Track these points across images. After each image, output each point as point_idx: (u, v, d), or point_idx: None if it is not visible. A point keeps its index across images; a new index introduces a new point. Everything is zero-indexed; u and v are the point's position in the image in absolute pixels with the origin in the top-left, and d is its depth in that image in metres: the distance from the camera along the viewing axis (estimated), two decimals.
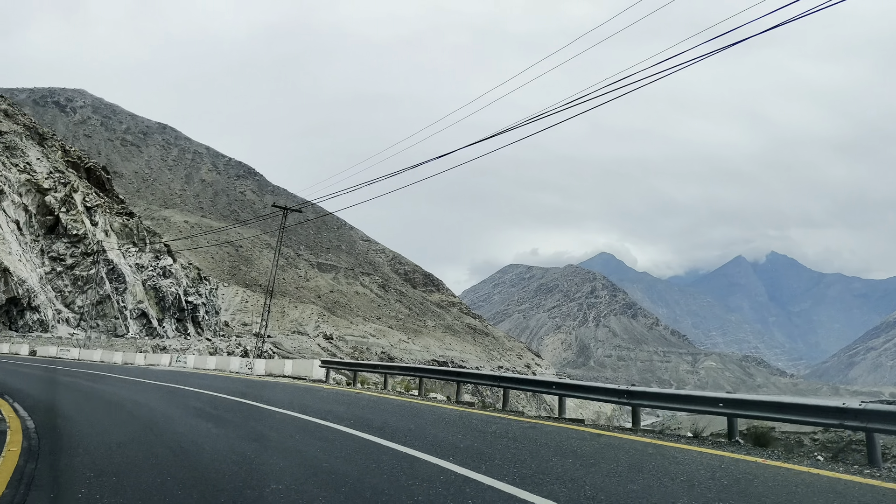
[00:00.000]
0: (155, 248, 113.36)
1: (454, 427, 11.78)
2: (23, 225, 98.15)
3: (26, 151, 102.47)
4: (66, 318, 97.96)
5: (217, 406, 15.02)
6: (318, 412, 13.52)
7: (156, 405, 14.99)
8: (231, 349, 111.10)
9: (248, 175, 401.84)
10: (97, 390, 19.28)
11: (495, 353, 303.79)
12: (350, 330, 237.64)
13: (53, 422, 11.02)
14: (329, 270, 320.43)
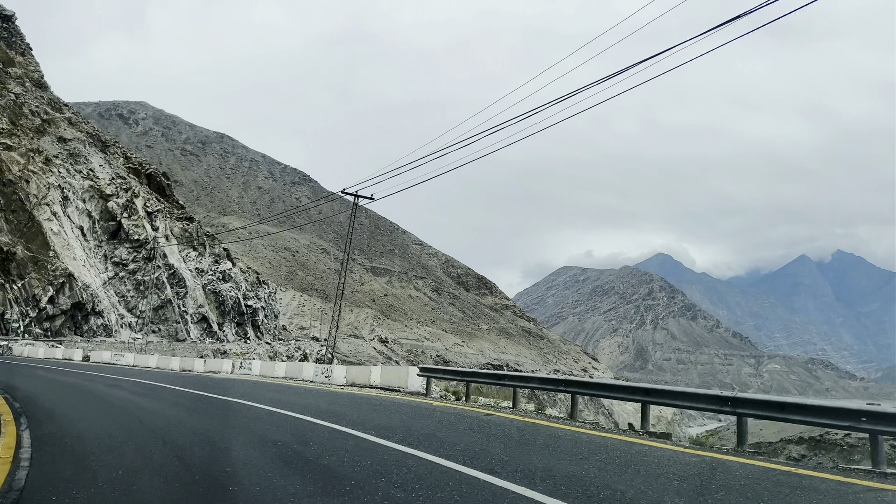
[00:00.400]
0: (214, 252, 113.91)
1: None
2: (87, 230, 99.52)
3: (89, 158, 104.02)
4: (129, 322, 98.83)
5: (325, 447, 9.76)
6: (522, 470, 8.27)
7: (241, 454, 9.22)
8: (290, 353, 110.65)
9: (304, 182, 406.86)
10: (137, 410, 15.11)
11: (550, 357, 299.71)
12: (405, 333, 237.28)
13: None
14: (383, 274, 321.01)
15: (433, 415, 14.90)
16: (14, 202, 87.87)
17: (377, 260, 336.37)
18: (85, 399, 17.80)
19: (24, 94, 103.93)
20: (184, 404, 16.61)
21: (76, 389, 20.16)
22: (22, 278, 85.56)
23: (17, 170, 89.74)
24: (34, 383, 21.68)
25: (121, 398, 17.96)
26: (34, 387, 20.27)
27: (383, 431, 11.23)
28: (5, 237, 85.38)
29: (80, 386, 20.75)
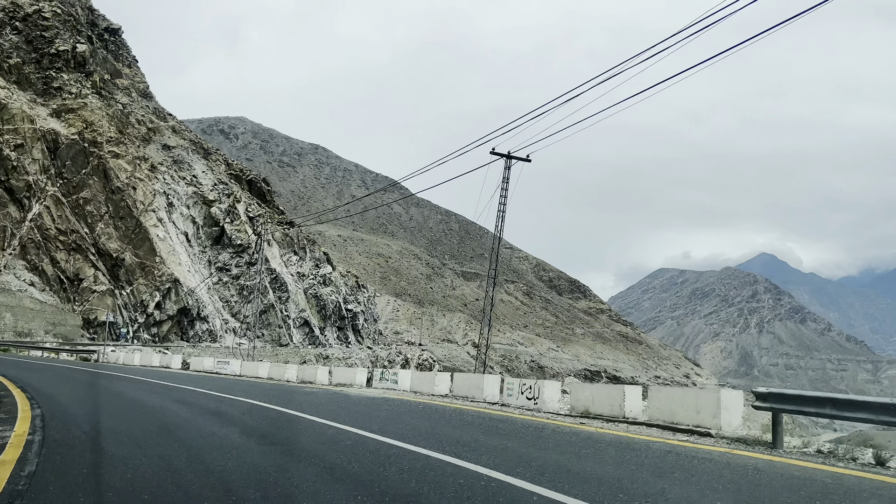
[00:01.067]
0: (314, 256, 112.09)
1: None
2: (191, 236, 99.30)
3: (192, 165, 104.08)
4: (233, 327, 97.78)
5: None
6: None
7: None
8: (391, 357, 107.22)
9: (395, 189, 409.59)
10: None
11: (650, 363, 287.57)
12: (497, 338, 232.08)
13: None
14: (473, 279, 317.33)
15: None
16: (122, 209, 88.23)
17: (468, 264, 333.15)
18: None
19: (131, 103, 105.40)
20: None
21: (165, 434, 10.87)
22: (130, 284, 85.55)
23: (125, 177, 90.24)
24: (98, 402, 16.63)
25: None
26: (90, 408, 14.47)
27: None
28: (114, 243, 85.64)
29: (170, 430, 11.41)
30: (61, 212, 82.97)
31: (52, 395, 15.40)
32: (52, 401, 13.94)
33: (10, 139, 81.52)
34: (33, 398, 13.54)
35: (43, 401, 13.32)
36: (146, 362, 39.02)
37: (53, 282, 79.92)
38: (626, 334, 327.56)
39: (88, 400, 14.23)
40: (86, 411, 12.36)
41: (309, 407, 15.16)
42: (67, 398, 15.10)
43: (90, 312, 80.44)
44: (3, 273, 76.02)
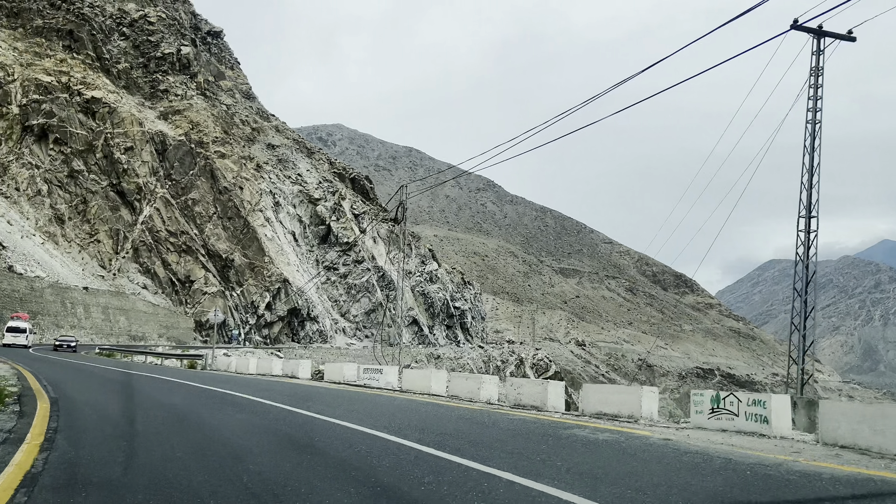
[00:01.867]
0: (420, 253, 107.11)
1: None
2: (298, 235, 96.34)
3: (297, 164, 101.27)
4: (343, 327, 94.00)
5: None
6: None
7: None
8: (504, 357, 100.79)
9: (488, 188, 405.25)
10: None
11: (765, 359, 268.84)
12: (602, 336, 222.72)
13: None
14: (572, 275, 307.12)
15: None
16: (230, 209, 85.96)
17: (565, 261, 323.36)
18: None
19: (235, 104, 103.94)
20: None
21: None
22: (240, 285, 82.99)
23: (231, 177, 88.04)
24: None
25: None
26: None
27: None
28: (223, 244, 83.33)
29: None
30: (171, 213, 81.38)
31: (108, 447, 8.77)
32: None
33: (120, 142, 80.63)
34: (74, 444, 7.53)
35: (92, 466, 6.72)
36: (264, 370, 29.52)
37: (165, 284, 78.23)
38: (737, 330, 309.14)
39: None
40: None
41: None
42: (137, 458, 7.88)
43: (201, 314, 78.22)
44: (118, 276, 74.77)
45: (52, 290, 58.09)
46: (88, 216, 76.48)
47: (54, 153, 76.72)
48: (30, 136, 76.26)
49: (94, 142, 79.02)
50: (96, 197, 77.36)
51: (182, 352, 42.35)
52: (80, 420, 9.50)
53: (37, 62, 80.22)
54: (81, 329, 61.61)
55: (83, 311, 62.38)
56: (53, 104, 77.23)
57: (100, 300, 65.24)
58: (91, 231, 75.95)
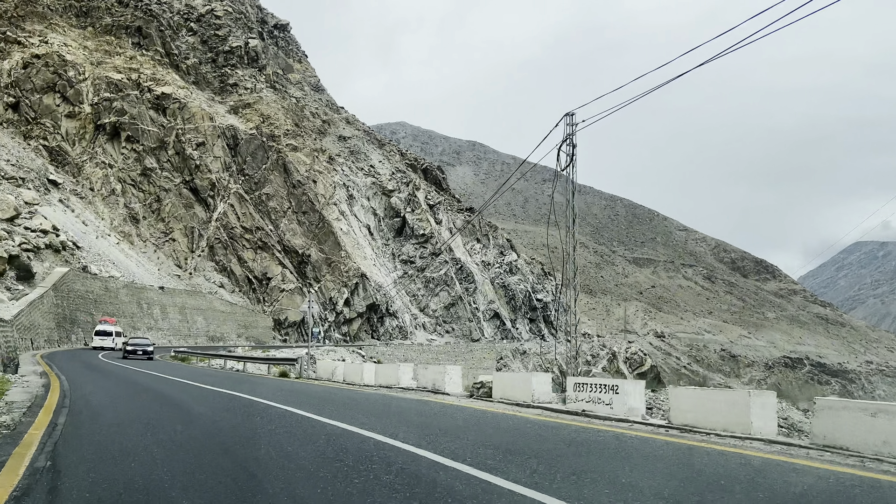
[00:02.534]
0: (498, 243, 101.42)
1: None
2: (373, 229, 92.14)
3: (369, 155, 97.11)
4: (422, 323, 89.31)
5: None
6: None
7: None
8: (595, 352, 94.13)
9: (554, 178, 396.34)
10: None
11: (857, 346, 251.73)
12: (681, 326, 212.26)
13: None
14: (646, 265, 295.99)
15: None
16: (304, 203, 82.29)
17: (638, 250, 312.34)
18: None
19: (304, 97, 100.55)
20: None
21: None
22: (318, 281, 79.19)
23: (304, 170, 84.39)
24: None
25: None
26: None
27: None
28: (299, 239, 79.67)
29: None
30: (245, 209, 78.19)
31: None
32: None
33: (191, 138, 77.90)
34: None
35: None
36: (387, 380, 20.05)
37: (242, 282, 75.05)
38: (825, 316, 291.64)
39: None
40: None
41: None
42: None
43: (280, 312, 74.71)
44: (194, 275, 71.94)
45: (127, 291, 55.12)
46: (163, 214, 73.96)
47: (127, 151, 74.52)
48: (102, 134, 74.25)
49: (165, 138, 76.53)
50: (170, 195, 74.80)
51: (266, 353, 36.40)
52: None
53: (107, 60, 78.29)
54: (158, 331, 58.57)
55: (160, 312, 59.35)
56: (124, 101, 75.02)
57: (176, 300, 62.18)
58: (166, 229, 73.39)
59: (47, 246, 48.71)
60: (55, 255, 49.05)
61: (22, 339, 31.48)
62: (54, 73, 73.50)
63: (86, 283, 48.92)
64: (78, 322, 46.82)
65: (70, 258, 51.03)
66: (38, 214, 53.56)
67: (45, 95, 72.83)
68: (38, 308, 37.41)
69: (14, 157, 63.06)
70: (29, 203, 54.67)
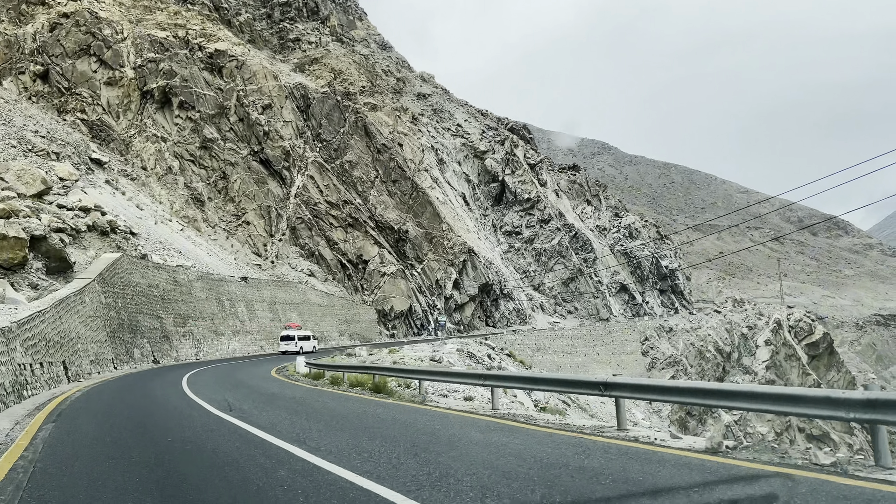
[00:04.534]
0: (611, 204, 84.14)
1: None
2: (469, 198, 75.73)
3: (453, 114, 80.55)
4: (539, 303, 72.61)
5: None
6: None
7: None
8: (751, 322, 76.27)
9: (603, 151, 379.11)
10: None
11: (774, 307, 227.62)
12: (759, 292, 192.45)
13: None
14: (710, 231, 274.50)
15: None
16: (392, 171, 66.29)
17: (700, 216, 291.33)
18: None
19: (372, 54, 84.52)
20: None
21: None
22: (420, 261, 63.22)
23: (388, 132, 68.32)
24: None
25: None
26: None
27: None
28: (392, 213, 63.74)
29: None
30: (327, 180, 62.58)
31: None
32: None
33: (255, 100, 62.50)
34: None
35: None
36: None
37: (335, 268, 59.49)
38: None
39: None
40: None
41: None
42: None
43: (384, 301, 58.97)
44: (277, 263, 56.60)
45: (202, 284, 39.94)
46: (231, 193, 58.80)
47: (181, 121, 59.46)
48: (150, 102, 59.32)
49: (225, 103, 61.26)
50: (237, 169, 59.57)
51: (405, 360, 20.11)
52: None
53: (147, 17, 63.27)
54: (247, 334, 43.29)
55: (245, 310, 44.04)
56: (173, 62, 59.89)
57: (263, 293, 46.84)
58: (237, 211, 58.20)
59: (90, 228, 33.52)
60: (102, 240, 33.86)
61: (41, 362, 15.97)
62: (87, 34, 58.69)
63: (147, 275, 33.65)
64: (140, 330, 31.52)
65: (124, 244, 35.86)
66: (76, 189, 38.63)
67: (78, 60, 58.07)
68: (76, 310, 22.07)
69: (45, 129, 48.33)
70: (63, 179, 39.71)
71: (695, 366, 66.70)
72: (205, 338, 38.29)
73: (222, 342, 40.02)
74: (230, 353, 40.08)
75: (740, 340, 71.82)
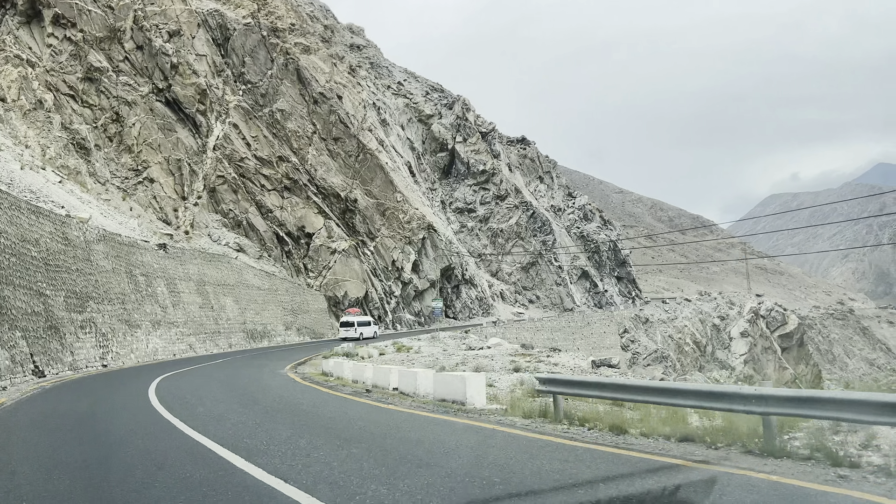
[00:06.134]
0: (562, 183, 75.57)
1: None
2: (414, 168, 63.96)
3: (392, 71, 68.43)
4: (500, 291, 62.21)
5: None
6: None
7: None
8: (722, 313, 70.06)
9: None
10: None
11: (798, 293, 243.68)
12: (643, 287, 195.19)
13: None
14: None
15: None
16: (333, 125, 53.21)
17: None
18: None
19: None
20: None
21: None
22: (372, 237, 50.73)
23: (324, 81, 55.07)
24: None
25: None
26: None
27: None
28: (337, 177, 50.78)
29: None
30: (255, 131, 48.48)
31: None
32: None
33: (159, 24, 47.17)
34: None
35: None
36: None
37: (269, 242, 45.63)
38: (763, 266, 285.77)
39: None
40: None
41: None
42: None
43: (335, 286, 45.89)
44: (193, 234, 41.98)
45: (106, 249, 25.82)
46: (128, 141, 43.39)
47: (57, 41, 43.19)
48: (12, 13, 42.58)
49: (117, 24, 45.57)
50: (136, 110, 44.17)
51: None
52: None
53: None
54: (171, 326, 29.26)
55: (166, 291, 29.92)
56: None
57: (189, 269, 32.79)
58: (137, 165, 42.92)
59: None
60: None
61: None
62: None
63: (18, 223, 19.49)
64: (9, 315, 17.46)
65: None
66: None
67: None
68: None
69: None
70: None
71: (676, 361, 59.15)
72: (114, 331, 24.19)
73: (138, 338, 26.00)
74: (150, 355, 26.10)
75: (713, 332, 65.53)
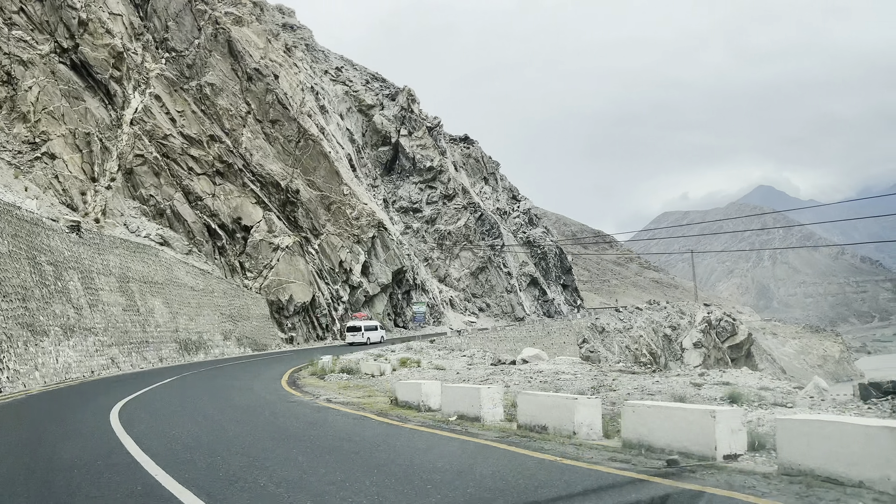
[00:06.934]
0: (506, 185, 71.70)
1: None
2: (355, 162, 57.90)
3: (328, 56, 62.27)
4: (449, 298, 57.08)
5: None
6: None
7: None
8: (673, 322, 67.95)
9: None
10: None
11: (692, 306, 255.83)
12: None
13: None
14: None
15: None
16: (271, 106, 46.41)
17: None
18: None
19: None
20: None
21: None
22: (317, 234, 44.25)
23: (259, 57, 48.20)
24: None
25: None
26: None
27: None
28: (275, 164, 44.00)
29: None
30: (182, 105, 40.90)
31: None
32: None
33: None
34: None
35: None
36: None
37: (199, 235, 38.14)
38: (659, 280, 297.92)
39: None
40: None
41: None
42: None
43: (278, 289, 38.96)
44: (106, 223, 34.02)
45: (1, 226, 18.47)
46: (24, 108, 34.87)
47: None
48: None
49: None
50: (34, 72, 35.71)
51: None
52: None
53: None
54: (87, 333, 21.92)
55: (81, 287, 22.57)
56: None
57: (108, 260, 25.41)
58: (34, 137, 34.47)
59: None
60: None
61: None
62: None
63: None
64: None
65: None
66: None
67: None
68: None
69: None
70: None
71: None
72: (11, 339, 16.91)
73: (45, 349, 18.72)
74: (61, 373, 18.86)
75: (664, 342, 63.14)
